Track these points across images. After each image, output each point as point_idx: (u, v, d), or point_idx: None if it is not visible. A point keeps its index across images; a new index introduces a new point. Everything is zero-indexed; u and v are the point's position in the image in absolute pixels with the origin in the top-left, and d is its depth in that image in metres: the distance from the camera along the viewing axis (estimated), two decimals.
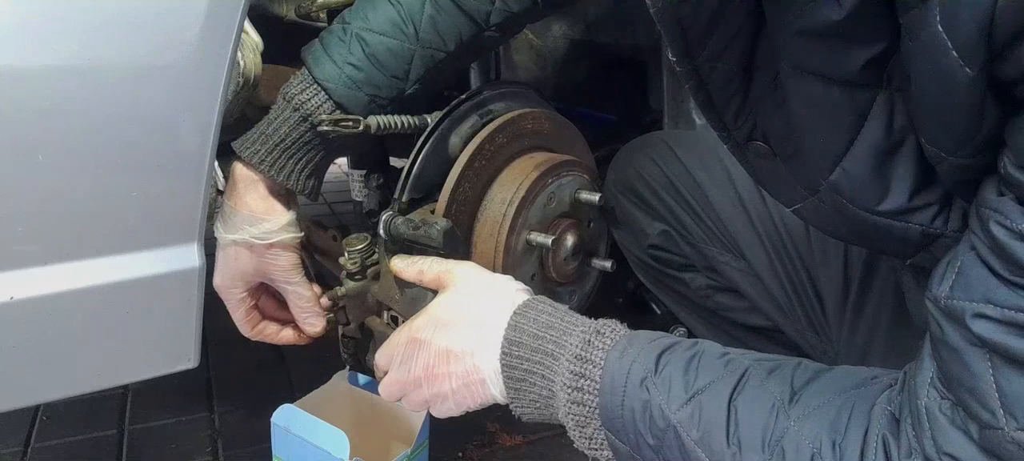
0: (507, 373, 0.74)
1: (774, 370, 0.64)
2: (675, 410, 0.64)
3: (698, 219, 1.01)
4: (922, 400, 0.53)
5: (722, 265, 1.01)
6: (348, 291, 0.95)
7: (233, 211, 0.93)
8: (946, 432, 0.51)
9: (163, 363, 0.83)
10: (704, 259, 1.03)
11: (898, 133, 0.55)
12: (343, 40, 0.93)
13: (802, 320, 0.96)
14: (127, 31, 0.68)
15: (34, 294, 0.70)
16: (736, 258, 1.00)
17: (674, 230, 1.04)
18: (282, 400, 1.03)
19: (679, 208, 1.03)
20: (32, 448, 1.26)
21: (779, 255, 0.96)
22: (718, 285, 1.05)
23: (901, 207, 0.58)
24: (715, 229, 1.00)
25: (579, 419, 0.70)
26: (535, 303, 0.77)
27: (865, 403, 0.59)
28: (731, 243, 0.99)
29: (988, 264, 0.48)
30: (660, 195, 1.04)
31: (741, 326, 1.06)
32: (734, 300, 1.04)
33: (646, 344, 0.69)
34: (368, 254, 0.96)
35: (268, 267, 0.95)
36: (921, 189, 0.57)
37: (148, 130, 0.71)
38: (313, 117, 0.92)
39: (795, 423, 0.59)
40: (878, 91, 0.54)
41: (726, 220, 0.99)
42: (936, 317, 0.52)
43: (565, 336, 0.72)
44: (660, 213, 1.05)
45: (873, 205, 0.58)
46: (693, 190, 1.01)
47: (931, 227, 0.58)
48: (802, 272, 0.95)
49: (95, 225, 0.72)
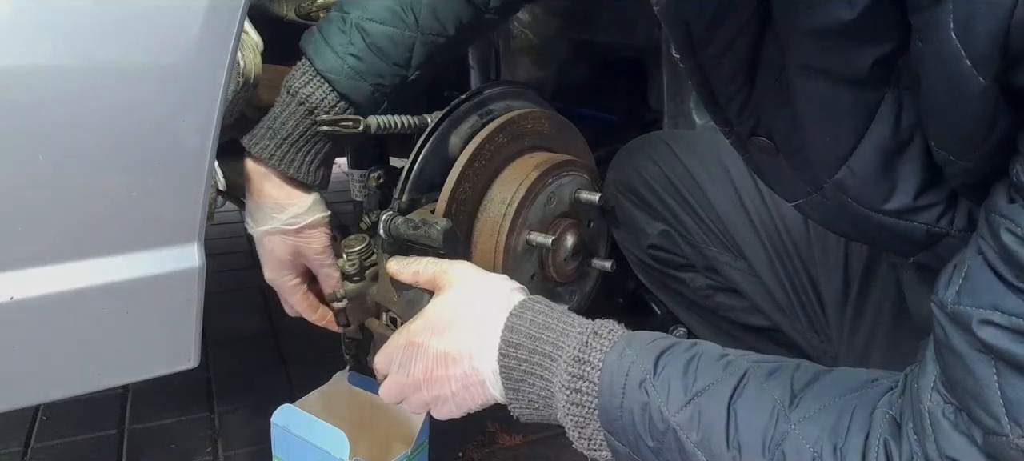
0: (505, 374, 0.74)
1: (774, 372, 0.64)
2: (674, 412, 0.63)
3: (698, 219, 1.01)
4: (925, 404, 0.53)
5: (722, 265, 1.01)
6: (347, 292, 0.95)
7: (257, 205, 0.95)
8: (949, 437, 0.51)
9: (163, 363, 0.82)
10: (704, 259, 1.03)
11: (905, 132, 0.55)
12: (343, 30, 0.93)
13: (802, 320, 0.96)
14: (127, 31, 0.68)
15: (34, 294, 0.70)
16: (736, 258, 0.99)
17: (674, 230, 1.04)
18: (282, 400, 1.03)
19: (679, 208, 1.02)
20: (32, 448, 1.26)
21: (779, 255, 0.95)
22: (718, 285, 1.04)
23: (906, 206, 0.57)
24: (715, 229, 1.00)
25: (578, 420, 0.70)
26: (531, 303, 0.77)
27: (866, 406, 0.58)
28: (731, 243, 0.99)
29: (996, 270, 0.47)
30: (660, 195, 1.04)
31: (741, 326, 1.06)
32: (734, 300, 1.04)
33: (645, 345, 0.69)
34: (367, 255, 0.96)
35: (303, 250, 0.97)
36: (927, 188, 0.57)
37: (148, 130, 0.71)
38: (318, 110, 0.92)
39: (795, 426, 0.59)
40: (886, 90, 0.54)
41: (726, 220, 0.99)
42: (941, 321, 0.51)
43: (562, 337, 0.72)
44: (660, 213, 1.04)
45: (878, 204, 0.58)
46: (693, 190, 1.01)
47: (936, 226, 0.58)
48: (802, 272, 0.94)
49: (95, 225, 0.72)
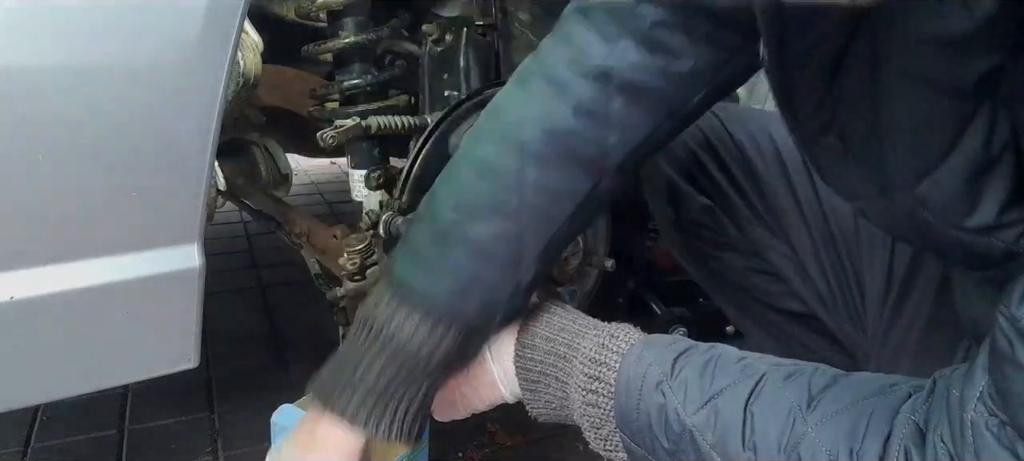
0: (522, 376, 0.74)
1: (791, 375, 0.63)
2: (691, 414, 0.63)
3: (745, 198, 0.96)
4: (969, 414, 0.51)
5: (767, 248, 0.97)
6: (348, 292, 0.95)
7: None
8: (990, 448, 0.50)
9: (163, 363, 0.82)
10: (748, 242, 0.98)
11: (997, 148, 0.52)
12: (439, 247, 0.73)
13: (842, 312, 0.93)
14: (127, 31, 0.67)
15: (34, 294, 0.70)
16: (782, 243, 0.96)
17: (719, 206, 0.99)
18: (282, 400, 1.02)
19: (726, 183, 0.97)
20: (32, 448, 1.26)
21: (825, 245, 0.92)
22: (758, 268, 1.00)
23: (988, 224, 0.55)
24: (762, 208, 0.96)
25: (594, 421, 0.70)
26: (544, 305, 0.76)
27: (886, 410, 0.57)
28: (778, 227, 0.95)
29: None
30: (707, 168, 0.98)
31: (775, 309, 1.01)
32: (773, 284, 0.99)
33: (662, 348, 0.68)
34: (368, 254, 0.96)
35: None
36: (1012, 205, 0.54)
37: (148, 130, 0.71)
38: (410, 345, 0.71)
39: (812, 429, 0.58)
40: (984, 102, 0.51)
41: (774, 203, 0.94)
42: (1008, 334, 0.49)
43: (578, 338, 0.72)
44: (704, 186, 0.99)
45: (959, 221, 0.55)
46: (742, 167, 0.96)
47: (1016, 245, 0.55)
48: (847, 265, 0.91)
49: (95, 225, 0.72)
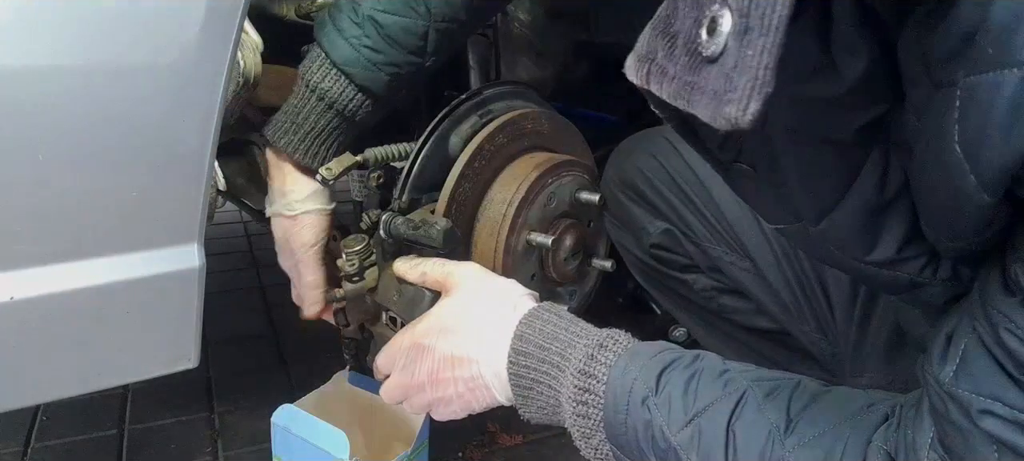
0: (515, 382, 0.75)
1: (771, 392, 0.63)
2: (675, 432, 0.64)
3: (703, 218, 0.99)
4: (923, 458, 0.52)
5: (727, 265, 0.99)
6: (347, 293, 0.95)
7: (271, 190, 0.99)
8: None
9: (163, 363, 0.82)
10: (708, 259, 1.00)
11: (891, 191, 0.54)
12: (356, 22, 0.93)
13: (811, 322, 0.95)
14: (127, 31, 0.67)
15: (34, 294, 0.70)
16: (742, 258, 0.97)
17: (677, 229, 1.01)
18: (282, 400, 1.03)
19: (682, 206, 1.00)
20: (32, 448, 1.26)
21: (787, 256, 0.94)
22: (723, 287, 1.02)
23: (889, 258, 0.57)
24: (720, 228, 0.98)
25: (584, 431, 0.71)
26: (540, 312, 0.76)
27: (860, 437, 0.58)
28: (737, 243, 0.97)
29: (997, 359, 0.47)
30: (662, 192, 1.01)
31: (745, 329, 1.04)
32: (739, 302, 1.02)
33: (647, 360, 0.69)
34: (366, 256, 0.96)
35: (292, 238, 0.98)
36: (910, 241, 0.56)
37: (148, 130, 0.71)
38: (337, 104, 0.95)
39: (790, 453, 0.59)
40: (873, 148, 0.53)
41: (732, 219, 0.96)
42: (938, 394, 0.50)
43: (569, 348, 0.72)
44: (662, 211, 1.02)
45: (861, 255, 0.57)
46: (697, 187, 0.98)
47: (919, 277, 0.57)
48: (811, 273, 0.93)
49: (95, 225, 0.72)
